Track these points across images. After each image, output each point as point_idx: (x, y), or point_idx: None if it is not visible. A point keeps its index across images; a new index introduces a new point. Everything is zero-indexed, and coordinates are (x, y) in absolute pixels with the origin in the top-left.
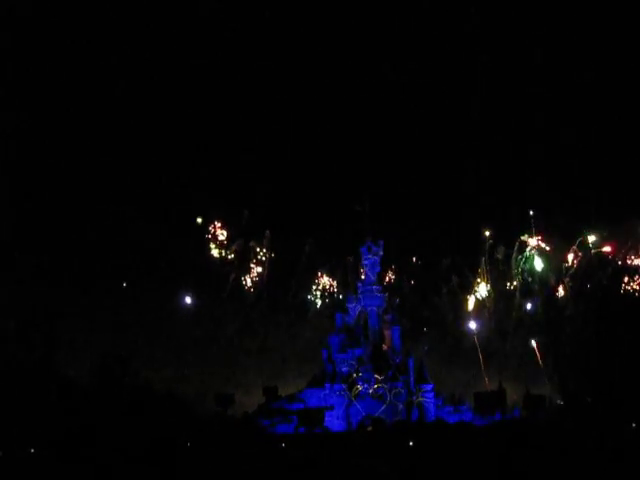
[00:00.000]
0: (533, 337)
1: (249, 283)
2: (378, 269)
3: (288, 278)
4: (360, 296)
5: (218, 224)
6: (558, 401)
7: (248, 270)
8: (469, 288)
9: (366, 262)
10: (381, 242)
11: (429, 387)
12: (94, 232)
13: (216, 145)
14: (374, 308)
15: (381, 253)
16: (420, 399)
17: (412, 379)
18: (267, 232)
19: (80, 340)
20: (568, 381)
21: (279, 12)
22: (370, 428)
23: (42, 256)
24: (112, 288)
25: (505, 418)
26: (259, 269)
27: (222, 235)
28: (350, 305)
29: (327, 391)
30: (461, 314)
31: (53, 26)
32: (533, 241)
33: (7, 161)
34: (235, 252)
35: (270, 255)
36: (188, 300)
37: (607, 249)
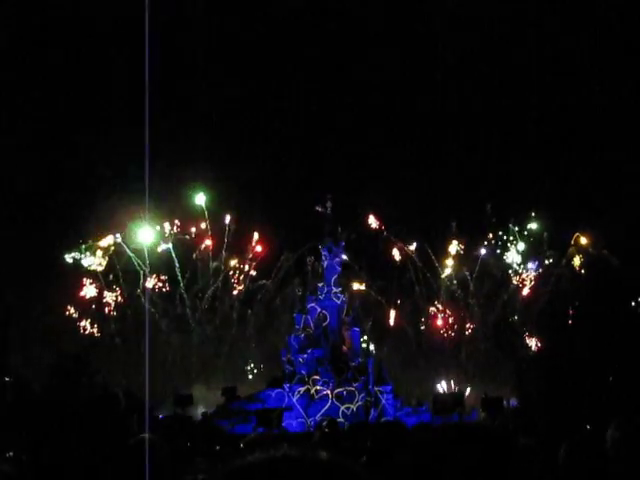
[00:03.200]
0: (491, 341)
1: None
2: (339, 270)
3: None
4: (320, 297)
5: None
6: (515, 402)
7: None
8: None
9: (326, 263)
10: (342, 243)
11: (388, 388)
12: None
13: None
14: (334, 309)
15: (342, 254)
16: (379, 400)
17: (371, 380)
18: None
19: (37, 341)
20: (524, 383)
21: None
22: (327, 429)
23: None
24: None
25: (463, 419)
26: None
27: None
28: (310, 306)
29: (286, 392)
30: (422, 319)
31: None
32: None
33: None
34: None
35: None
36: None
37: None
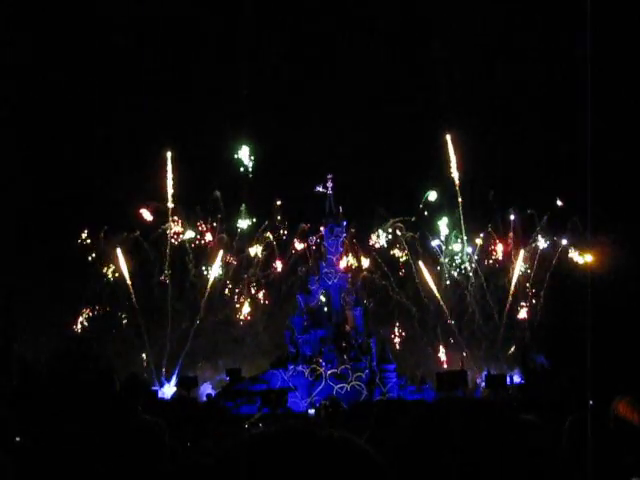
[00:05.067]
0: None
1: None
2: (341, 250)
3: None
4: (322, 277)
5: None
6: (518, 379)
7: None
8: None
9: (328, 243)
10: (344, 223)
11: (391, 367)
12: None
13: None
14: (336, 289)
15: (344, 234)
16: (382, 379)
17: (374, 359)
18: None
19: (42, 323)
20: (527, 360)
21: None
22: (330, 409)
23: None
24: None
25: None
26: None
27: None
28: (312, 286)
29: (290, 372)
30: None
31: None
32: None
33: None
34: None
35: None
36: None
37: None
